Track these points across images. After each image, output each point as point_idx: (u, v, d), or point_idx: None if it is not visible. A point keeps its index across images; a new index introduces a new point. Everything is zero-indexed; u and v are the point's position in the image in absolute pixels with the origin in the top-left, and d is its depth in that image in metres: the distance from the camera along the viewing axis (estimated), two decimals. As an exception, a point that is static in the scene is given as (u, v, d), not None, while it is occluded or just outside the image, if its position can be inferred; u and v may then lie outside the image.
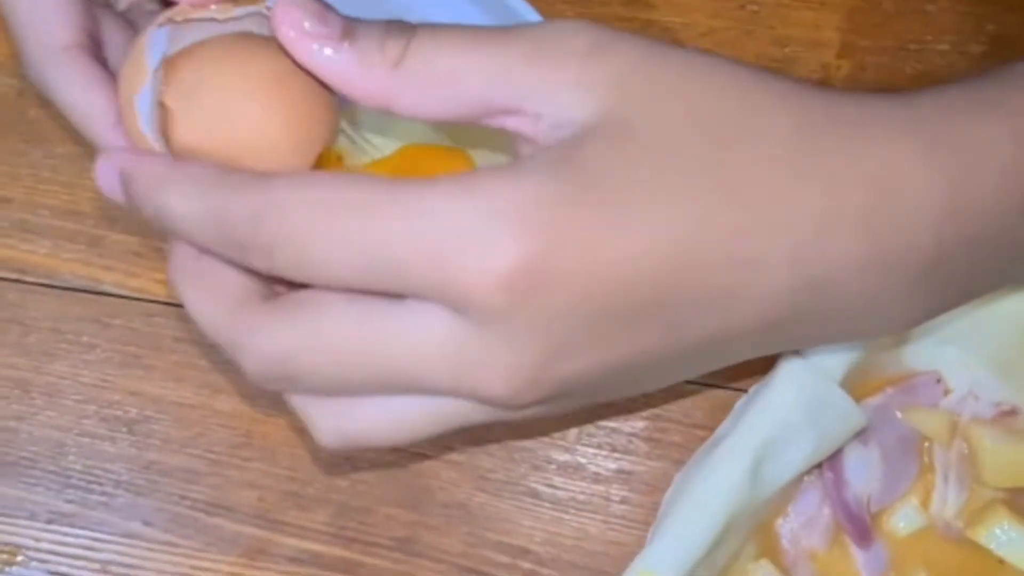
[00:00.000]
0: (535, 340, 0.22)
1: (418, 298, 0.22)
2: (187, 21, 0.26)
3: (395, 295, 0.23)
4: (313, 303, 0.23)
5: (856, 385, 0.33)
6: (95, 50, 0.30)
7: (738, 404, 0.31)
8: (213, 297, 0.25)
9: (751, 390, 0.31)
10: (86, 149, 0.38)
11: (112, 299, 0.39)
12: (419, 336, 0.22)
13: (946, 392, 0.33)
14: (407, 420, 0.25)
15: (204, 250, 0.25)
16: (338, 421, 0.25)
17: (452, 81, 0.23)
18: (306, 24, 0.23)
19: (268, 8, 0.25)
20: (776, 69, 0.39)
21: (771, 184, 0.22)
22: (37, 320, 0.39)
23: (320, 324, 0.23)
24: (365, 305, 0.23)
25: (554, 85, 0.22)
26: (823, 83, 0.39)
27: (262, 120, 0.25)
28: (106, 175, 0.26)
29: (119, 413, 0.38)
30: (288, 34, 0.23)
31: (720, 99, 0.23)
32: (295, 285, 0.24)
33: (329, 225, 0.22)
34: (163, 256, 0.39)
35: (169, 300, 0.39)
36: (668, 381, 0.26)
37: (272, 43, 0.24)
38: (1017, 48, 0.39)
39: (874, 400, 0.33)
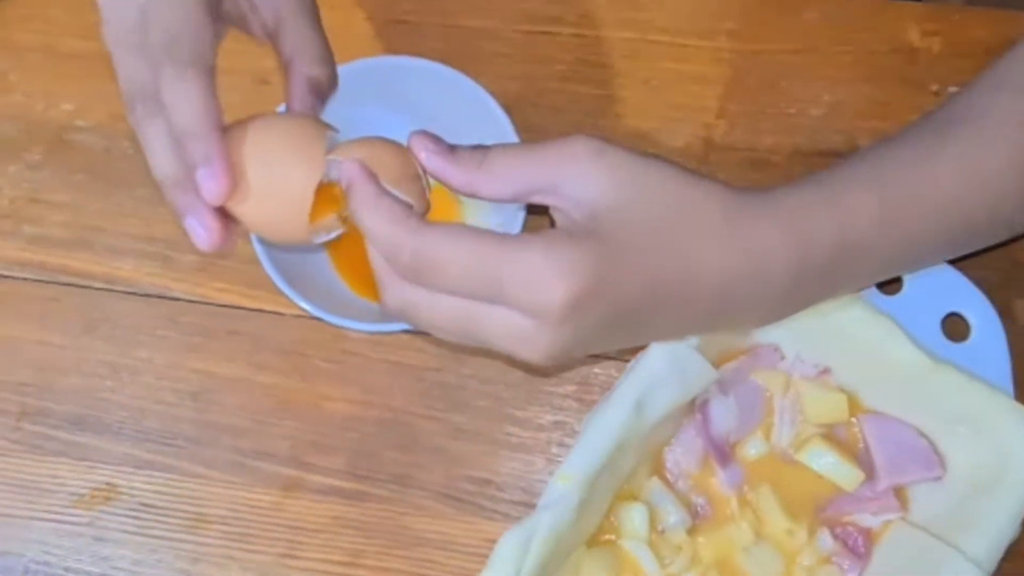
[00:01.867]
0: (571, 337, 0.36)
1: (507, 306, 0.36)
2: None
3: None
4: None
5: (721, 354, 0.46)
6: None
7: (629, 365, 0.44)
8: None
9: (638, 355, 0.44)
10: (157, 193, 0.51)
11: (180, 303, 0.52)
12: (504, 323, 0.36)
13: (782, 358, 0.46)
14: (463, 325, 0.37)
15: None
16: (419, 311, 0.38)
17: (512, 175, 0.37)
18: (431, 145, 0.37)
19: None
20: (673, 127, 0.53)
21: (706, 246, 0.37)
22: (123, 319, 0.52)
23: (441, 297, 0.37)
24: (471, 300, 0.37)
25: (574, 174, 0.37)
26: (706, 138, 0.53)
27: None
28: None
29: (184, 386, 0.51)
30: (420, 154, 0.38)
31: (676, 192, 0.37)
32: None
33: (460, 261, 0.35)
34: (220, 270, 0.53)
35: (224, 303, 0.52)
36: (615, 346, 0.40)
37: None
38: (846, 110, 0.53)
39: (732, 364, 0.46)
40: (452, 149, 0.38)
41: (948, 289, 0.45)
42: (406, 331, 0.49)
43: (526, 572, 0.41)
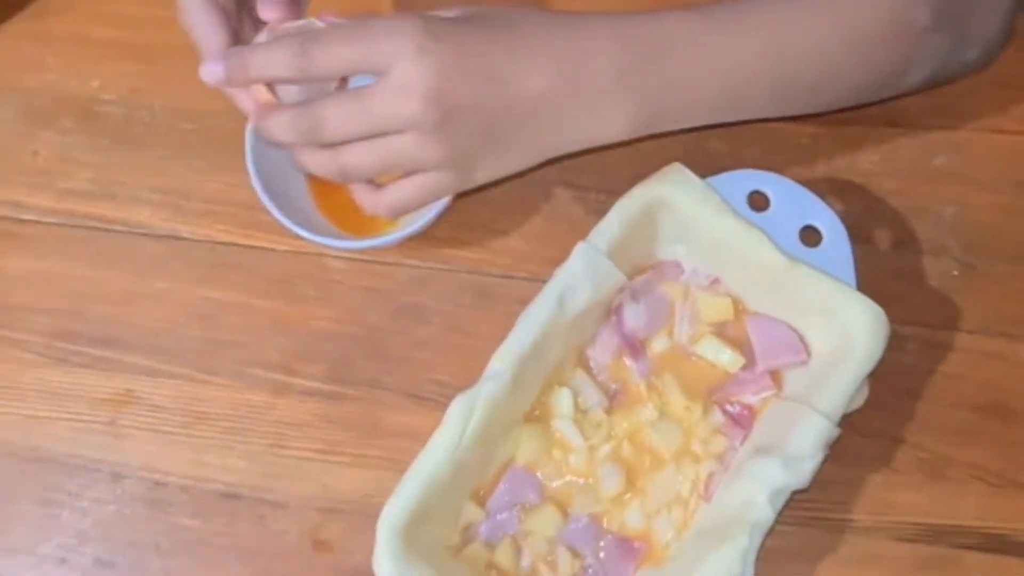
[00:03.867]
0: (451, 139, 0.47)
1: (392, 134, 0.48)
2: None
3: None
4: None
5: (633, 269, 0.56)
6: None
7: (554, 272, 0.54)
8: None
9: (561, 265, 0.54)
10: (169, 153, 0.62)
11: (189, 242, 0.62)
12: (400, 143, 0.47)
13: (681, 272, 0.57)
14: (407, 192, 0.49)
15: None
16: (379, 199, 0.50)
17: (333, 62, 0.48)
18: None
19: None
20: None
21: (532, 57, 0.47)
22: (141, 257, 0.62)
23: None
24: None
25: (399, 69, 0.47)
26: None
27: None
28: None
29: (193, 310, 0.61)
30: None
31: (495, 28, 0.47)
32: None
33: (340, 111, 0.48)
34: (222, 215, 0.63)
35: (225, 242, 0.62)
36: (511, 148, 0.49)
37: None
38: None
39: (642, 277, 0.56)
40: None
41: (805, 206, 0.56)
42: (373, 258, 0.59)
43: (471, 430, 0.51)
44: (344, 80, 0.50)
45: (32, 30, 0.67)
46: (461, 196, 0.57)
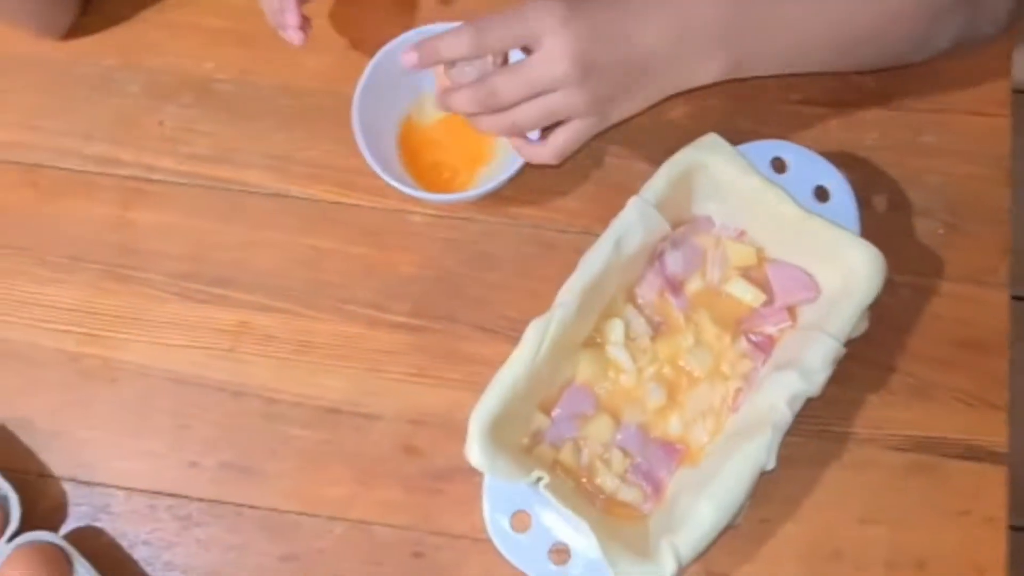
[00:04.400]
0: (595, 86, 0.62)
1: (549, 93, 0.63)
2: None
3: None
4: None
5: (673, 221, 0.67)
6: None
7: (611, 222, 0.65)
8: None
9: (618, 215, 0.65)
10: (276, 123, 0.74)
11: (295, 199, 0.73)
12: (555, 99, 0.63)
13: (713, 226, 0.68)
14: (564, 136, 0.64)
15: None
16: (542, 149, 0.65)
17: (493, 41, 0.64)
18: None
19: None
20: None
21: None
22: (254, 211, 0.73)
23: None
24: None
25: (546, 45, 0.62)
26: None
27: None
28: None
29: (298, 256, 0.72)
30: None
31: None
32: None
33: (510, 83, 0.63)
34: (323, 176, 0.74)
35: (325, 199, 0.73)
36: (637, 93, 0.64)
37: None
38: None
39: (681, 229, 0.67)
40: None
41: (817, 169, 0.67)
42: (451, 211, 0.70)
43: (544, 348, 0.62)
44: (506, 57, 0.64)
45: (156, 19, 0.78)
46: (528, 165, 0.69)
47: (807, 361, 0.61)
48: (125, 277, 0.72)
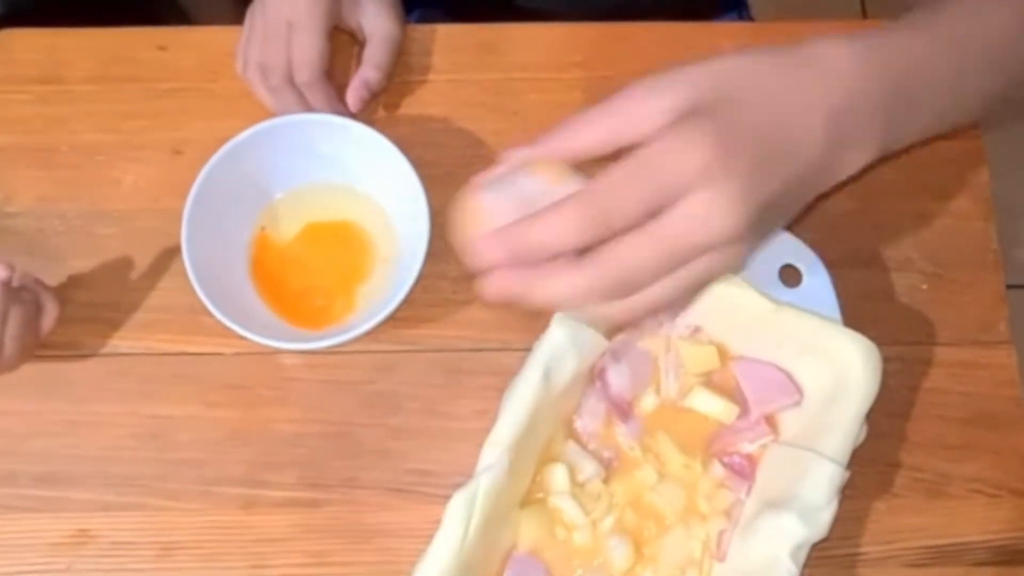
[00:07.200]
0: (741, 186, 0.41)
1: (678, 196, 0.40)
2: None
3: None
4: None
5: (610, 330, 0.54)
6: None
7: (535, 345, 0.52)
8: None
9: (542, 336, 0.51)
10: (92, 265, 0.57)
11: (128, 357, 0.58)
12: (686, 213, 0.41)
13: (660, 324, 0.55)
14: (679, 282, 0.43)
15: None
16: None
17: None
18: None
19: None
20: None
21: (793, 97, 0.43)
22: (78, 380, 0.57)
23: None
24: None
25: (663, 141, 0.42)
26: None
27: None
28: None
29: (142, 431, 0.56)
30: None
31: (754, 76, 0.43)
32: None
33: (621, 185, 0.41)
34: (160, 324, 0.58)
35: (167, 352, 0.58)
36: (791, 211, 0.45)
37: None
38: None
39: (621, 336, 0.54)
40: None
41: (781, 246, 0.54)
42: (333, 348, 0.55)
43: (474, 524, 0.48)
44: None
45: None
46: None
47: (806, 496, 0.48)
48: (-85, 493, 0.55)
